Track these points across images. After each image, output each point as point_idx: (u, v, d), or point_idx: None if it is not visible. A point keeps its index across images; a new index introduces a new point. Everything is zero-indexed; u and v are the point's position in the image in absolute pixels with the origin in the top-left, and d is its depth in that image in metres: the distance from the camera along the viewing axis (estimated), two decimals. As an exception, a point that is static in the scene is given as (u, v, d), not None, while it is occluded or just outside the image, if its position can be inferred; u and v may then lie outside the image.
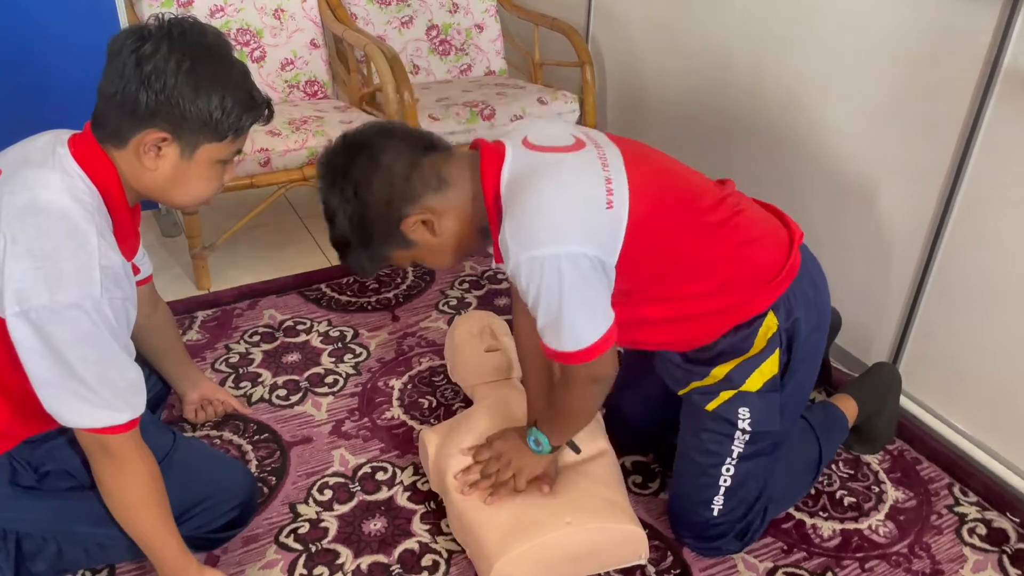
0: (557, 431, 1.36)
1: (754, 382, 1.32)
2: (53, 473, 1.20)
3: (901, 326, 1.75)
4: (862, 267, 1.82)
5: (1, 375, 1.11)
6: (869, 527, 1.49)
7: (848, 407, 1.60)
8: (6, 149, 1.17)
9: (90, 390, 1.07)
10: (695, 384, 1.36)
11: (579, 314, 1.17)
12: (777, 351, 1.31)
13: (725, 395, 1.33)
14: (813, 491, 1.56)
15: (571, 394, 1.29)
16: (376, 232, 1.23)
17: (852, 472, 1.61)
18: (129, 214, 1.20)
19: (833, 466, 1.62)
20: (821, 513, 1.52)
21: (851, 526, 1.49)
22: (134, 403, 1.13)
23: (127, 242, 1.21)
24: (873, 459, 1.64)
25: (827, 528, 1.49)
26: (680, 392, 1.39)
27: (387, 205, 1.20)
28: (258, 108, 1.18)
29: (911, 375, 1.74)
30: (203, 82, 1.10)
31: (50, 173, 1.10)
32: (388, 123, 1.29)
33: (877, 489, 1.57)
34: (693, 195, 1.28)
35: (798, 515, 1.51)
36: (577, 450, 1.43)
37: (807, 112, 1.87)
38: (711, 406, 1.34)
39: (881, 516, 1.51)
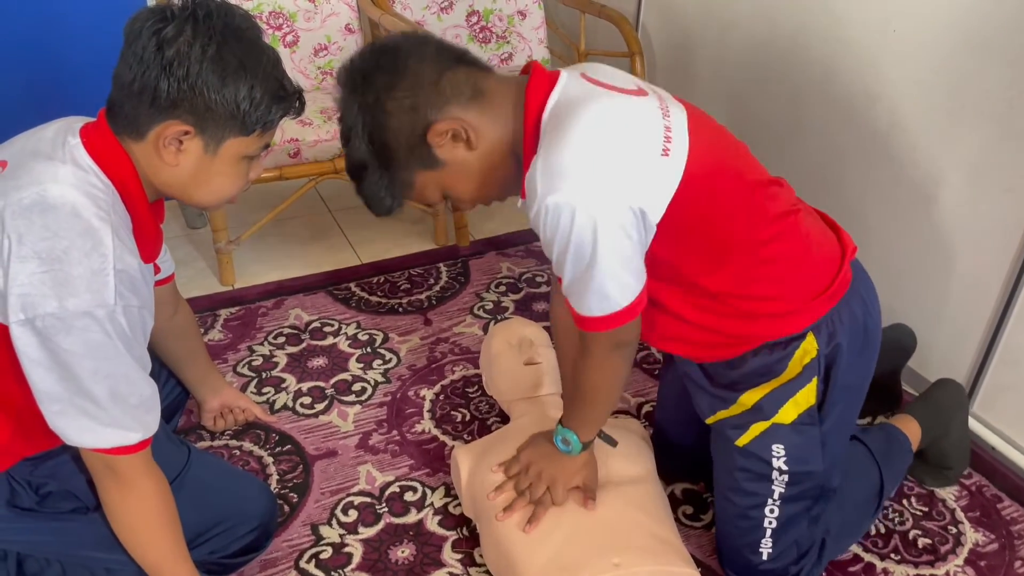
0: (582, 418, 1.23)
1: (787, 413, 1.18)
2: (55, 494, 1.10)
3: (982, 349, 1.60)
4: (937, 282, 1.67)
5: (2, 388, 1.02)
6: (947, 573, 1.35)
7: (911, 429, 1.46)
8: (11, 139, 1.07)
9: (99, 407, 0.98)
10: (722, 414, 1.23)
11: (610, 274, 1.03)
12: (815, 380, 1.17)
13: (756, 428, 1.20)
14: (883, 530, 1.42)
15: (591, 365, 1.14)
16: (399, 147, 1.06)
17: (926, 509, 1.47)
18: (149, 211, 1.09)
19: (904, 502, 1.48)
20: (892, 555, 1.38)
21: (926, 572, 1.35)
22: (146, 422, 1.03)
23: (148, 243, 1.10)
24: (949, 495, 1.50)
25: (900, 573, 1.35)
26: (708, 421, 1.27)
27: (412, 112, 1.04)
28: (289, 99, 1.07)
29: (992, 403, 1.60)
30: (230, 70, 0.99)
31: (60, 166, 1.00)
32: (423, 32, 1.13)
33: (954, 530, 1.43)
34: (754, 177, 1.14)
35: (867, 557, 1.38)
36: (613, 443, 1.30)
37: (882, 111, 1.71)
38: (741, 441, 1.21)
39: (960, 561, 1.37)
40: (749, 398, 1.19)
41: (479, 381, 1.73)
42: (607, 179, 1.00)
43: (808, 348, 1.16)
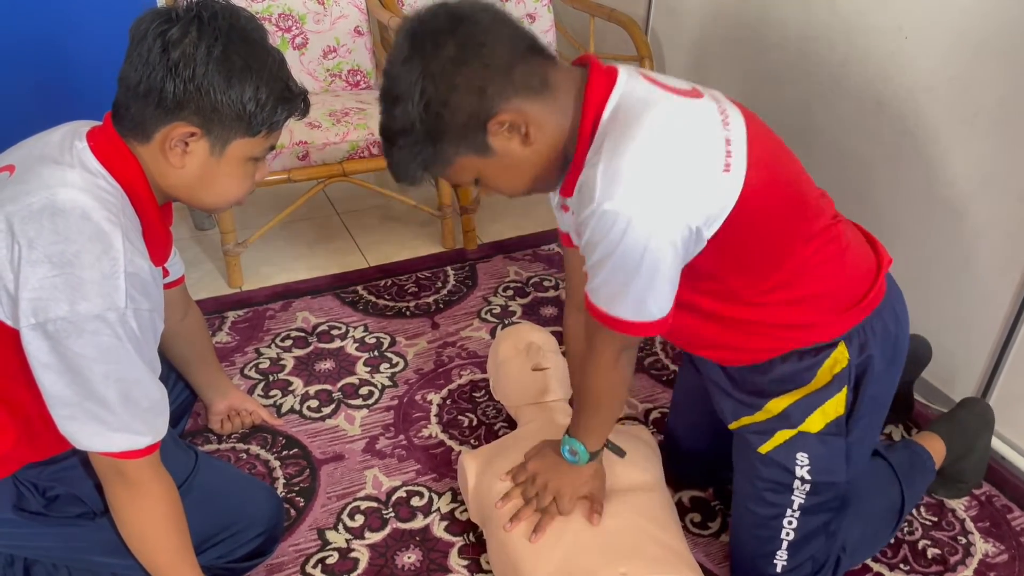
0: (588, 426, 1.21)
1: (815, 422, 1.17)
2: (62, 498, 1.10)
3: (993, 358, 1.59)
4: (948, 290, 1.65)
5: (11, 392, 1.02)
6: (956, 585, 1.34)
7: (935, 447, 1.44)
8: (17, 144, 1.07)
9: (109, 411, 0.98)
10: (746, 420, 1.21)
11: (652, 289, 1.01)
12: (844, 389, 1.16)
13: (781, 436, 1.19)
14: (892, 540, 1.41)
15: (599, 366, 1.12)
16: (453, 125, 0.99)
17: (935, 519, 1.46)
18: (158, 214, 1.09)
19: (914, 511, 1.47)
20: (902, 566, 1.37)
21: (936, 582, 1.34)
22: (156, 425, 1.03)
23: (158, 245, 1.10)
24: (959, 505, 1.49)
25: (909, 584, 1.34)
26: (731, 426, 1.25)
27: (479, 94, 0.98)
28: (294, 100, 1.07)
29: (1002, 413, 1.57)
30: (236, 71, 0.99)
31: (68, 170, 1.00)
32: (496, 6, 1.02)
33: (964, 540, 1.42)
34: (804, 187, 1.12)
35: (876, 567, 1.36)
36: (621, 453, 1.29)
37: (896, 117, 1.70)
38: (764, 448, 1.20)
39: (969, 572, 1.36)
40: (776, 405, 1.18)
41: (486, 386, 1.72)
42: (667, 194, 0.97)
43: (839, 357, 1.14)
